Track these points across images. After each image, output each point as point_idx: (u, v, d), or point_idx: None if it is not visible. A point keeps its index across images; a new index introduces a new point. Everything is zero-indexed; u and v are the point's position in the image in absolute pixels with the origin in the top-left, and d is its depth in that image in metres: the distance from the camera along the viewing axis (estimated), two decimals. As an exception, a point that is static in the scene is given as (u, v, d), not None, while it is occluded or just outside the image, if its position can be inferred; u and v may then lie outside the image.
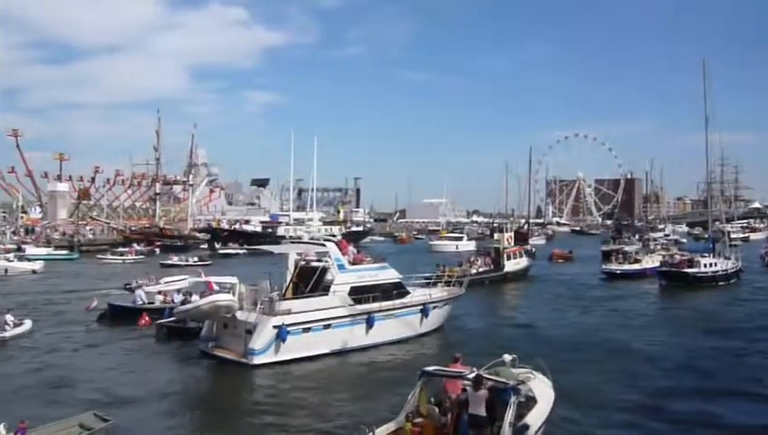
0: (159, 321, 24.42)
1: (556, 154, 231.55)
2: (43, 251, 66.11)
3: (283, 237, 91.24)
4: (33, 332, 25.15)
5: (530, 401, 12.09)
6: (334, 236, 54.95)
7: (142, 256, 64.95)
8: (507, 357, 13.02)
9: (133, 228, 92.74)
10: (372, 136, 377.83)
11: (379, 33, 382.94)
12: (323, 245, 24.15)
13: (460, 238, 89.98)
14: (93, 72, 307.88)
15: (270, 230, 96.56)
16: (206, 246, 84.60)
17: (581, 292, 41.14)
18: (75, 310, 30.44)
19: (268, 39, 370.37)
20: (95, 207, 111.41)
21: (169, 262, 57.33)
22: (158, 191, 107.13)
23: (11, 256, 51.59)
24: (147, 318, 26.26)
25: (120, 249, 68.28)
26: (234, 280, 22.81)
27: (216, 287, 22.02)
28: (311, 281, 22.23)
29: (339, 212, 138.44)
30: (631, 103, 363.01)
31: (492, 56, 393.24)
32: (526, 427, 11.34)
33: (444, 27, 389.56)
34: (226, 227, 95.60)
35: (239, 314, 21.24)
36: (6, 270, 48.24)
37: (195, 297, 21.71)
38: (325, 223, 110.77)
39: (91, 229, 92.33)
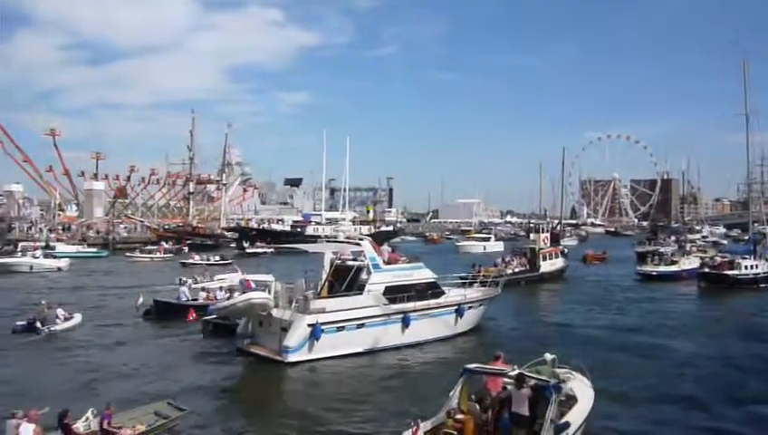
0: (205, 317, 24.79)
1: (591, 155, 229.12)
2: (72, 249, 66.28)
3: (311, 236, 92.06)
4: (82, 325, 26.02)
5: (570, 400, 12.26)
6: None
7: (170, 255, 65.33)
8: (548, 356, 13.13)
9: (166, 227, 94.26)
10: (406, 136, 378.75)
11: (411, 33, 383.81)
12: (358, 244, 24.32)
13: (488, 239, 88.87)
14: (132, 73, 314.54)
15: (298, 230, 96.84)
16: (234, 245, 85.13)
17: (617, 293, 40.85)
18: (114, 306, 31.19)
19: (302, 39, 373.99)
20: (130, 206, 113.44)
21: (190, 261, 57.72)
22: (191, 190, 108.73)
23: (37, 253, 51.98)
24: (194, 314, 26.85)
25: (149, 247, 68.77)
26: (270, 278, 23.07)
27: (253, 285, 22.27)
28: (346, 280, 22.41)
29: (368, 212, 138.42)
30: (666, 103, 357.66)
31: (524, 56, 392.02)
32: (567, 425, 11.51)
33: (476, 27, 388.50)
34: (255, 226, 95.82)
35: (274, 312, 21.54)
36: (32, 267, 48.84)
37: (236, 295, 21.97)
38: (354, 223, 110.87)
39: (125, 227, 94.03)
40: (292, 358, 20.22)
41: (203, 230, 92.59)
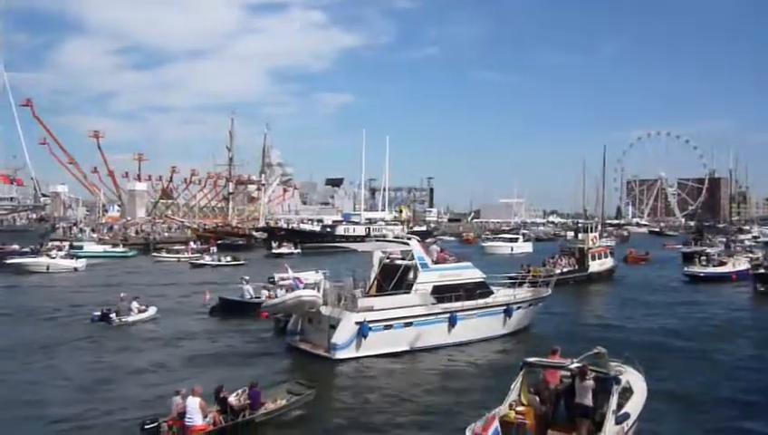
0: (277, 315, 25.22)
1: (636, 153, 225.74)
2: (99, 248, 66.90)
3: (342, 237, 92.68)
4: (155, 318, 27.84)
5: (627, 392, 12.61)
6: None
7: (198, 255, 63.20)
8: (602, 350, 13.31)
9: (206, 227, 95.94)
10: (448, 136, 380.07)
11: (453, 33, 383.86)
12: (407, 243, 24.62)
13: (515, 239, 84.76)
14: (178, 76, 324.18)
15: (328, 230, 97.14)
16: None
17: (666, 294, 40.38)
18: (192, 302, 32.49)
19: (344, 41, 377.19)
20: (172, 206, 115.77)
21: (201, 262, 57.65)
22: (230, 191, 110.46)
23: (53, 253, 51.87)
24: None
25: (177, 247, 68.25)
26: (319, 276, 23.52)
27: (304, 283, 22.85)
28: (394, 279, 22.77)
29: (401, 212, 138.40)
30: (713, 100, 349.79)
31: (568, 54, 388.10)
32: (627, 415, 11.95)
33: (519, 26, 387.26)
34: (284, 225, 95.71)
35: (323, 310, 22.02)
36: (48, 267, 49.03)
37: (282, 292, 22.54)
38: (388, 223, 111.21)
39: (167, 227, 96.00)
40: (340, 355, 20.63)
41: (241, 230, 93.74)
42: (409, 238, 26.11)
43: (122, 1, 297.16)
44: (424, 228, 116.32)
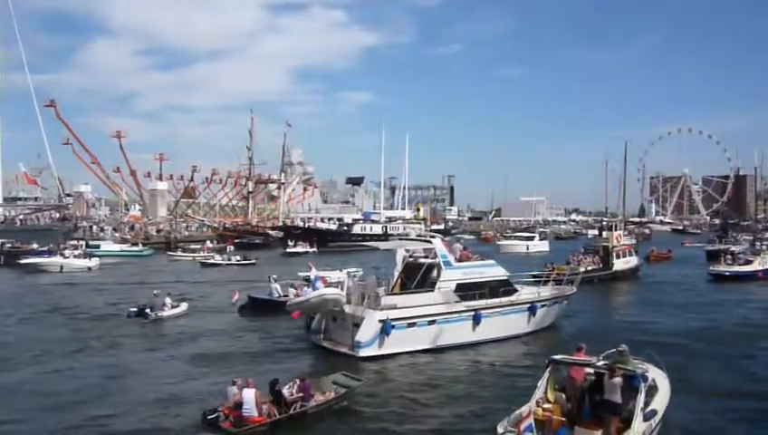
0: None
1: (660, 150, 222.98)
2: (116, 247, 67.85)
3: (358, 235, 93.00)
4: (187, 314, 29.05)
5: (652, 389, 12.79)
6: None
7: (209, 254, 62.73)
8: (625, 347, 13.45)
9: (227, 226, 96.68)
10: (469, 134, 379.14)
11: (476, 30, 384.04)
12: (429, 242, 24.71)
13: (531, 238, 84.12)
14: (201, 76, 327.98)
15: (345, 228, 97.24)
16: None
17: (690, 293, 40.10)
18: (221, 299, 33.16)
19: (366, 40, 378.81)
20: (193, 205, 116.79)
21: (211, 261, 57.71)
22: (250, 190, 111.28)
23: (67, 252, 52.57)
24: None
25: (192, 246, 68.60)
26: (342, 275, 23.69)
27: (327, 282, 23.07)
28: (417, 277, 22.87)
29: (418, 210, 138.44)
30: (738, 97, 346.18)
31: (592, 50, 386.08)
32: (654, 412, 12.19)
33: (541, 23, 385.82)
34: (300, 224, 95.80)
35: (347, 308, 22.17)
36: (62, 267, 49.64)
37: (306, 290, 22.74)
38: (408, 221, 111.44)
39: (187, 226, 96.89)
40: (363, 353, 20.80)
41: (260, 229, 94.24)
42: (432, 237, 26.15)
43: (147, 2, 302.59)
44: (441, 226, 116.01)
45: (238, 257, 59.37)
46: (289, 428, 14.51)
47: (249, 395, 14.10)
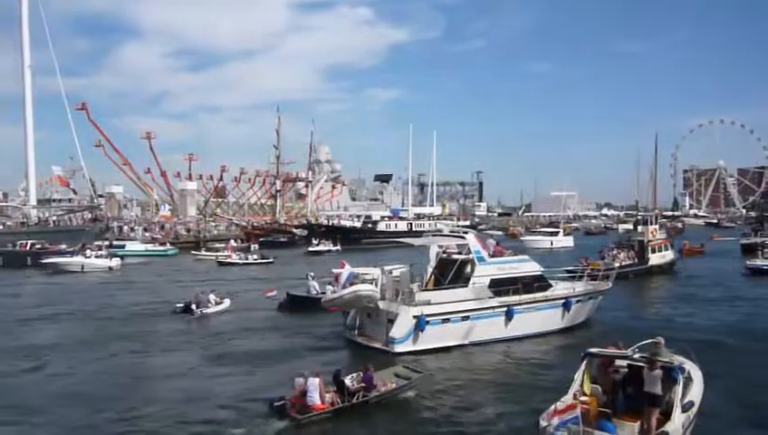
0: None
1: (693, 142, 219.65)
2: (141, 247, 68.49)
3: (382, 232, 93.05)
4: (230, 311, 30.07)
5: (687, 381, 12.92)
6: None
7: (242, 253, 62.34)
8: (661, 340, 13.64)
9: (255, 224, 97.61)
10: (498, 129, 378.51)
11: (503, 25, 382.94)
12: (463, 237, 24.87)
13: (555, 234, 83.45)
14: (230, 76, 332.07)
15: (370, 226, 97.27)
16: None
17: (727, 288, 39.68)
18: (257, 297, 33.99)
19: (393, 36, 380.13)
20: (223, 204, 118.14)
21: (228, 260, 57.65)
22: (278, 188, 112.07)
23: (88, 252, 53.06)
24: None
25: (216, 245, 68.71)
26: (376, 271, 23.97)
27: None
28: (451, 273, 23.10)
29: (443, 206, 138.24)
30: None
31: (619, 43, 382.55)
32: (691, 404, 12.38)
33: (568, 16, 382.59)
34: (324, 222, 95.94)
35: (381, 304, 22.49)
36: (83, 266, 50.37)
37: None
38: (437, 217, 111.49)
39: (216, 225, 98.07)
40: (398, 349, 21.08)
41: (286, 227, 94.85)
42: (466, 232, 26.30)
43: (177, 4, 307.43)
44: (467, 223, 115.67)
45: (255, 256, 59.59)
46: (351, 416, 15.25)
47: (313, 384, 14.98)
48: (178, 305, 29.52)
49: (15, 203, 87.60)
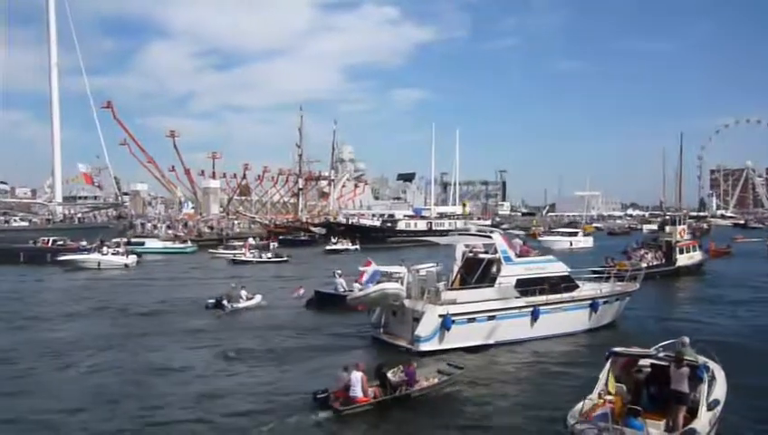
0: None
1: (720, 142, 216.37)
2: (160, 244, 69.62)
3: (402, 232, 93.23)
4: (261, 307, 30.92)
5: (712, 380, 13.14)
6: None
7: (256, 251, 62.63)
8: (686, 339, 13.70)
9: (277, 223, 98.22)
10: (523, 129, 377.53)
11: (531, 23, 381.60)
12: (489, 237, 24.92)
13: (574, 234, 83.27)
14: (255, 76, 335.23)
15: (389, 225, 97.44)
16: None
17: (755, 290, 39.21)
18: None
19: (418, 36, 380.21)
20: (246, 202, 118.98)
21: (242, 259, 57.39)
22: (300, 187, 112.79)
23: (104, 249, 53.74)
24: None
25: (234, 243, 68.69)
26: (402, 270, 24.12)
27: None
28: (477, 272, 23.17)
29: (464, 205, 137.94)
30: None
31: (645, 42, 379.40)
32: (717, 402, 12.59)
33: (595, 15, 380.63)
34: (343, 220, 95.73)
35: (407, 303, 22.60)
36: (99, 263, 51.06)
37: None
38: (450, 217, 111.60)
39: (238, 223, 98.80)
40: (423, 347, 21.14)
41: (305, 226, 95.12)
42: (492, 232, 26.36)
43: (203, 4, 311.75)
44: (488, 222, 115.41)
45: (270, 255, 59.59)
46: (393, 409, 15.72)
47: (356, 377, 15.42)
48: (210, 301, 30.20)
49: (42, 200, 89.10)
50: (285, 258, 58.85)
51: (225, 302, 29.64)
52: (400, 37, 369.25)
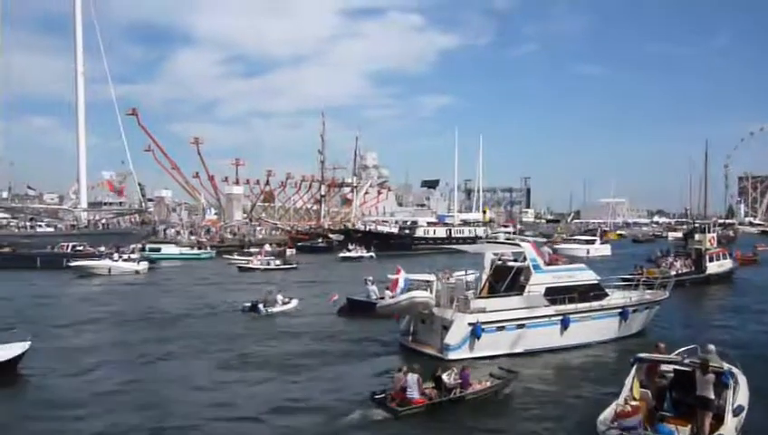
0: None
1: (747, 149, 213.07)
2: (176, 250, 70.50)
3: (421, 239, 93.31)
4: (297, 310, 32.12)
5: (736, 386, 13.35)
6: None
7: (272, 257, 62.49)
8: (711, 347, 13.92)
9: (299, 229, 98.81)
10: (548, 135, 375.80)
11: (553, 29, 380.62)
12: (518, 245, 25.10)
13: (591, 242, 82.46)
14: (281, 83, 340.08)
15: (407, 232, 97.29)
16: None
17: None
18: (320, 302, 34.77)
19: (442, 42, 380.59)
20: (269, 208, 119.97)
21: (249, 266, 56.95)
22: (322, 193, 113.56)
23: (115, 256, 54.04)
24: None
25: (250, 250, 69.27)
26: (431, 278, 24.37)
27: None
28: (506, 280, 23.33)
29: (485, 212, 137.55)
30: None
31: (674, 45, 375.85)
32: (742, 407, 12.85)
33: (618, 20, 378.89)
34: (361, 227, 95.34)
35: (436, 311, 22.82)
36: (110, 270, 51.28)
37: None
38: (470, 224, 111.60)
39: (260, 229, 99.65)
40: (452, 356, 21.26)
41: (324, 232, 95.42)
42: (522, 240, 26.55)
43: (228, 12, 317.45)
44: (511, 229, 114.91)
45: (279, 262, 59.28)
46: (448, 410, 16.32)
47: (412, 379, 16.13)
48: (246, 304, 31.32)
49: (67, 206, 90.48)
50: (294, 266, 58.66)
51: (260, 306, 30.76)
52: (425, 43, 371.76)
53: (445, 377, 16.92)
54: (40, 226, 78.78)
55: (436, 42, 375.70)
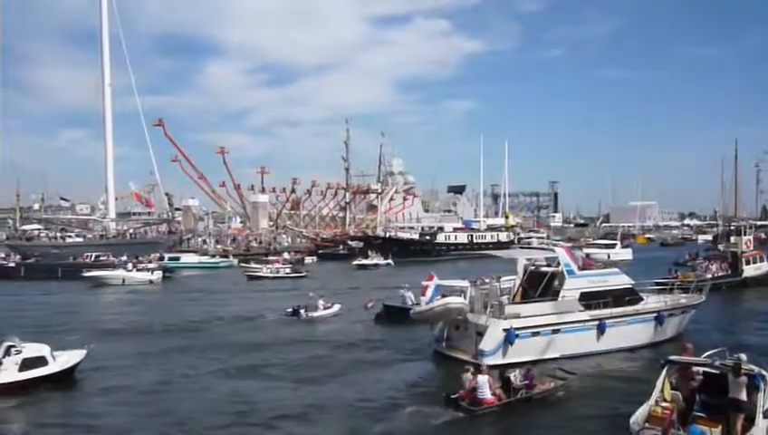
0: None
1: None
2: (195, 259, 71.66)
3: (442, 244, 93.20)
4: (337, 314, 33.48)
5: (766, 388, 13.35)
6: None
7: (290, 265, 63.20)
8: (743, 356, 13.89)
9: (324, 236, 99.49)
10: (575, 139, 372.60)
11: (579, 32, 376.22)
12: (552, 250, 25.22)
13: (612, 246, 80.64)
14: (308, 91, 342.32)
15: (428, 238, 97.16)
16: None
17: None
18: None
19: (468, 47, 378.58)
20: (295, 216, 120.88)
21: (259, 274, 57.39)
22: (347, 200, 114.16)
23: (129, 265, 54.99)
24: None
25: (268, 258, 69.28)
26: (465, 284, 24.55)
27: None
28: (540, 286, 23.47)
29: (507, 217, 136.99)
30: None
31: (699, 48, 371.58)
32: None
33: (647, 22, 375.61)
34: (381, 234, 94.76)
35: (470, 317, 22.95)
36: (124, 280, 52.20)
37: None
38: (491, 229, 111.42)
39: (285, 237, 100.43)
40: (487, 361, 21.07)
41: (349, 238, 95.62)
42: (555, 245, 26.65)
43: (256, 22, 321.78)
44: (543, 234, 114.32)
45: (288, 270, 59.53)
46: (517, 410, 17.24)
47: (482, 380, 17.04)
48: (288, 310, 32.81)
49: (96, 216, 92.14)
50: (304, 274, 58.64)
51: (302, 311, 32.23)
52: (451, 49, 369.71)
53: (512, 378, 17.88)
54: (70, 236, 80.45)
55: (462, 46, 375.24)
